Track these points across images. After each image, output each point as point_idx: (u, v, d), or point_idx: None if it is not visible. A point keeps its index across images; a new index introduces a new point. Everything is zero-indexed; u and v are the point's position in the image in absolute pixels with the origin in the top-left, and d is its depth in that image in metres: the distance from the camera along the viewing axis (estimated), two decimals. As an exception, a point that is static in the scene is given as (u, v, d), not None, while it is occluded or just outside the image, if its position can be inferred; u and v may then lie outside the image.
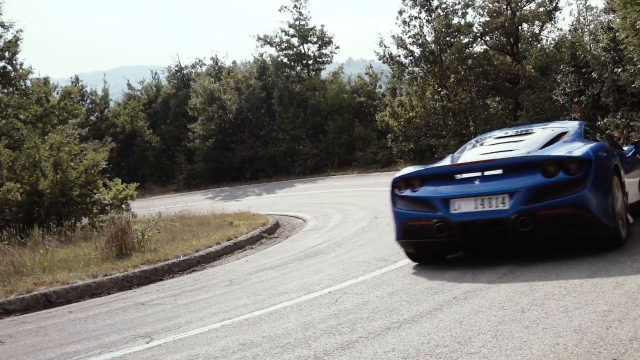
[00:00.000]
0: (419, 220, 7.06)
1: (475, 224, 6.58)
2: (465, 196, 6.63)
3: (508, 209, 6.35)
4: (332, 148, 33.68)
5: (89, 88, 44.96)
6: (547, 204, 6.24)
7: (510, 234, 6.49)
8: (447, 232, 6.74)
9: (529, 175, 6.34)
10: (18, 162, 17.55)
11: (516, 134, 8.03)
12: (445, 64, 27.91)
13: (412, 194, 7.22)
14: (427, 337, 4.86)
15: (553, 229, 6.42)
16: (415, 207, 7.13)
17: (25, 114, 21.98)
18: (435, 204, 6.82)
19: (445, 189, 6.83)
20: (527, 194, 6.29)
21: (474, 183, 6.64)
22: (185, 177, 37.68)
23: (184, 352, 5.40)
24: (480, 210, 6.51)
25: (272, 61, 37.39)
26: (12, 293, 9.01)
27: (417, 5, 29.15)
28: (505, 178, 6.46)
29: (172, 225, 14.29)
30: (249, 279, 8.70)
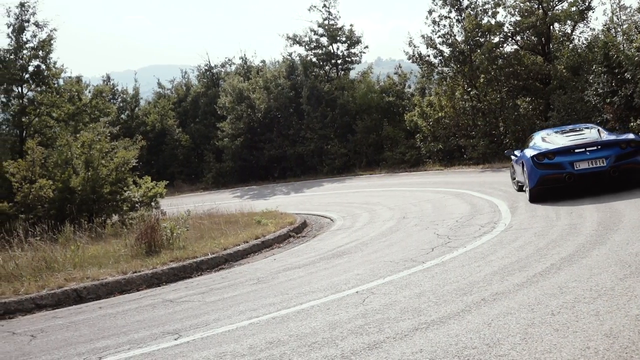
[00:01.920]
0: (553, 175, 12.04)
1: (589, 173, 11.81)
2: (582, 160, 11.83)
3: (605, 166, 11.70)
4: (360, 148, 33.58)
5: (120, 87, 45.48)
6: (624, 162, 11.69)
7: (606, 178, 11.83)
8: (573, 179, 11.86)
9: (613, 149, 11.82)
10: (50, 160, 17.81)
11: (571, 131, 13.58)
12: (475, 63, 27.65)
13: (549, 161, 12.14)
14: (455, 338, 4.83)
15: (628, 174, 11.85)
16: (551, 168, 12.07)
17: (58, 112, 22.28)
18: (565, 165, 11.93)
19: (569, 158, 11.95)
20: (614, 158, 11.68)
21: (586, 154, 11.87)
22: (214, 175, 37.86)
23: (212, 350, 5.43)
24: (591, 166, 11.78)
25: (301, 60, 37.39)
26: (44, 288, 9.15)
27: (447, 4, 28.95)
28: (601, 151, 11.83)
29: (200, 223, 14.38)
30: (277, 278, 8.72)
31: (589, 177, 11.81)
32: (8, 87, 21.93)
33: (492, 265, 7.34)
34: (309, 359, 4.85)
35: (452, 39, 28.74)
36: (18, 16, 22.04)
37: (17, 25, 22.05)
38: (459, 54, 28.38)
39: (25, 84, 22.29)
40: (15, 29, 22.07)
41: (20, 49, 22.01)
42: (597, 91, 22.34)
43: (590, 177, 11.81)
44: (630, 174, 11.83)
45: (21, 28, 22.07)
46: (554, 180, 11.98)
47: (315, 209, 18.48)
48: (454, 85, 29.24)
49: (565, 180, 11.85)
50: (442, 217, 12.66)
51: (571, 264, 6.78)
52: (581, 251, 7.36)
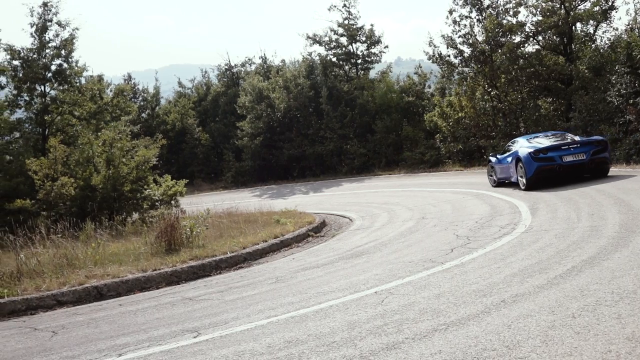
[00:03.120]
0: (547, 166, 15.15)
1: (572, 164, 15.02)
2: (569, 155, 15.02)
3: (585, 159, 14.95)
4: (380, 148, 33.52)
5: (141, 86, 45.81)
6: (597, 156, 15.05)
7: (585, 169, 15.16)
8: (562, 169, 15.06)
9: (589, 147, 15.10)
10: (72, 158, 17.99)
11: (548, 136, 16.92)
12: (495, 64, 27.47)
13: (544, 155, 15.20)
14: (474, 340, 4.81)
15: (600, 166, 15.31)
16: (545, 161, 15.16)
17: (80, 110, 22.49)
18: (556, 158, 15.08)
19: (559, 153, 15.12)
20: (590, 153, 14.94)
21: (570, 150, 15.08)
22: (233, 174, 37.98)
23: (231, 348, 5.45)
24: (574, 160, 14.99)
25: (320, 60, 37.39)
26: (65, 285, 9.25)
27: (468, 4, 28.80)
28: (581, 148, 15.07)
29: (220, 222, 14.45)
30: (295, 277, 8.74)
31: (573, 168, 15.14)
32: (31, 86, 22.17)
33: (512, 267, 7.29)
34: (328, 358, 4.86)
35: (473, 39, 28.58)
36: (41, 16, 22.28)
37: (40, 24, 22.28)
38: (479, 54, 28.21)
39: (48, 83, 22.51)
40: (39, 28, 22.31)
41: (43, 48, 22.24)
42: (620, 92, 22.09)
43: (574, 168, 15.14)
44: (601, 165, 15.41)
45: (44, 27, 22.30)
46: (548, 171, 15.18)
47: (334, 208, 18.48)
48: (474, 86, 29.07)
49: (556, 170, 15.12)
50: (462, 217, 12.60)
51: (592, 267, 6.72)
52: (603, 253, 7.29)
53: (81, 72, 23.26)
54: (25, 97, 22.55)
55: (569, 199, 12.89)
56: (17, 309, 8.50)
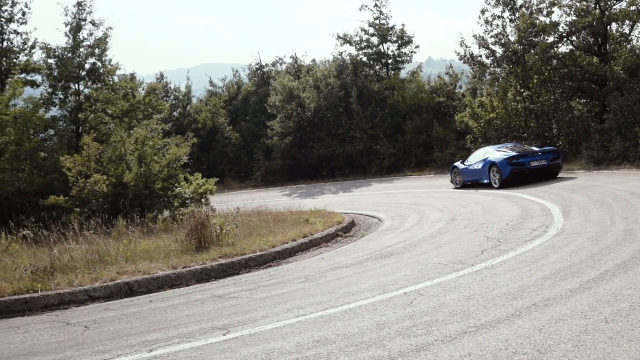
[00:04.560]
0: (519, 169, 18.54)
1: (537, 168, 18.63)
2: (534, 161, 18.72)
3: (546, 164, 18.78)
4: (410, 148, 33.35)
5: (173, 84, 46.19)
6: (554, 162, 18.98)
7: (546, 172, 18.84)
8: (529, 172, 18.50)
9: (548, 154, 19.04)
10: (105, 155, 18.22)
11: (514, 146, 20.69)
12: (528, 64, 27.15)
13: (516, 161, 18.66)
14: (504, 343, 4.77)
15: (555, 169, 19.21)
16: (517, 165, 18.55)
17: (113, 108, 22.74)
18: (525, 163, 18.61)
19: (527, 159, 18.72)
20: (549, 159, 18.86)
21: (535, 157, 18.89)
22: (263, 173, 38.11)
23: (260, 346, 5.48)
24: (538, 164, 18.70)
25: (351, 60, 37.32)
26: (97, 281, 9.38)
27: (501, 4, 28.52)
28: (542, 155, 18.94)
29: (249, 221, 14.52)
30: (324, 277, 8.74)
31: (537, 171, 18.81)
32: (65, 84, 22.48)
33: (543, 270, 7.21)
34: (356, 358, 4.85)
35: (505, 39, 28.29)
36: (75, 15, 22.57)
37: (75, 24, 22.57)
38: (511, 54, 27.92)
39: (82, 81, 22.79)
40: (73, 27, 22.59)
41: (77, 47, 22.52)
42: (656, 93, 21.70)
43: (538, 171, 18.82)
44: (556, 169, 19.37)
45: (78, 27, 22.59)
46: (519, 173, 18.69)
47: (363, 208, 18.45)
48: (506, 86, 28.78)
49: (525, 173, 18.72)
50: (492, 219, 12.50)
51: (626, 271, 6.61)
52: (637, 257, 7.17)
53: (114, 71, 23.51)
54: (59, 95, 22.87)
55: (603, 201, 12.71)
56: (50, 304, 8.65)
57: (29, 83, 23.50)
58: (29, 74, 23.90)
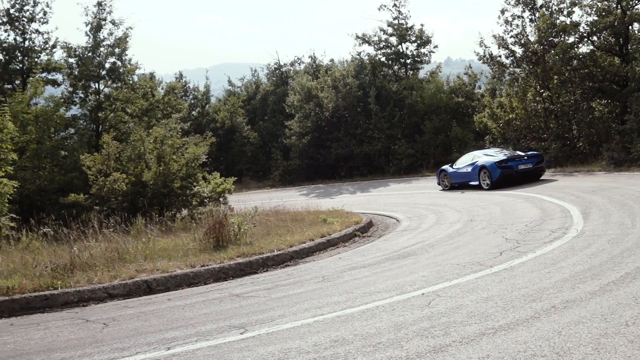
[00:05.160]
0: (508, 172, 19.63)
1: (524, 171, 19.85)
2: (521, 164, 19.86)
3: (531, 167, 20.05)
4: (428, 148, 33.25)
5: (192, 84, 46.43)
6: (538, 165, 20.39)
7: (531, 175, 20.12)
8: (517, 174, 19.68)
9: (533, 159, 20.40)
10: (124, 154, 18.36)
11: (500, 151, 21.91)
12: (548, 64, 26.95)
13: (505, 164, 19.69)
14: (523, 345, 4.74)
15: (539, 172, 20.55)
16: (506, 169, 19.62)
17: (132, 107, 22.91)
18: (513, 167, 19.74)
19: (515, 163, 19.84)
20: (534, 163, 20.21)
21: (521, 161, 20.01)
22: (281, 173, 38.19)
23: (277, 345, 5.49)
24: (525, 168, 19.88)
25: (369, 60, 37.29)
26: (116, 278, 9.45)
27: (521, 4, 28.34)
28: (528, 160, 20.18)
29: (267, 220, 14.55)
30: (342, 277, 8.74)
31: (524, 174, 19.95)
32: (86, 83, 22.68)
33: (562, 272, 7.16)
34: (374, 359, 4.85)
35: (525, 39, 28.10)
36: (96, 15, 22.75)
37: (95, 23, 22.76)
38: (531, 54, 27.73)
39: (102, 80, 22.99)
40: (93, 27, 22.78)
41: (98, 46, 22.72)
42: (678, 94, 21.44)
43: (524, 174, 19.96)
44: (540, 172, 20.62)
45: (99, 26, 22.77)
46: (508, 175, 19.77)
47: (381, 209, 18.42)
48: (525, 87, 28.59)
49: (513, 175, 19.80)
50: (511, 221, 12.42)
51: (647, 274, 6.54)
52: (658, 260, 7.09)
53: (134, 70, 23.67)
54: (80, 94, 23.09)
55: (623, 203, 12.58)
56: (70, 301, 8.72)
57: (50, 82, 23.78)
58: (50, 73, 24.19)
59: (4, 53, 23.61)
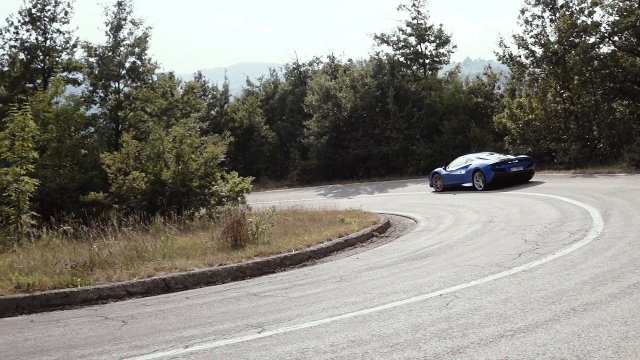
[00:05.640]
0: (501, 175, 20.70)
1: (516, 173, 20.98)
2: (513, 167, 21.02)
3: (522, 170, 21.21)
4: (447, 149, 33.11)
5: (211, 84, 46.68)
6: (529, 168, 21.47)
7: (522, 176, 21.21)
8: (509, 176, 20.76)
9: (524, 162, 21.58)
10: (143, 153, 18.47)
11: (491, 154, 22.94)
12: (568, 65, 26.76)
13: (499, 167, 20.82)
14: (542, 347, 4.70)
15: (529, 174, 21.61)
16: (500, 171, 20.75)
17: (152, 107, 23.04)
18: (506, 169, 20.85)
19: (507, 166, 20.95)
20: (525, 166, 21.36)
21: (513, 164, 21.15)
22: (299, 172, 38.24)
23: (295, 345, 5.49)
24: (516, 170, 21.01)
25: (388, 60, 37.23)
26: (135, 276, 9.51)
27: (541, 3, 28.15)
28: (519, 163, 21.37)
29: (285, 220, 14.56)
30: (359, 277, 8.73)
31: (516, 176, 20.98)
32: (106, 83, 22.85)
33: (582, 274, 7.10)
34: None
35: (545, 39, 27.92)
36: (116, 15, 22.90)
37: (115, 23, 22.91)
38: (551, 54, 27.54)
39: (122, 80, 23.14)
40: (113, 27, 22.93)
41: (118, 46, 22.87)
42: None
43: (516, 176, 20.99)
44: (530, 174, 21.64)
45: (119, 26, 22.92)
46: (501, 177, 20.78)
47: (399, 209, 18.38)
48: (545, 87, 28.40)
49: (506, 177, 20.81)
50: (530, 222, 12.34)
51: (669, 277, 6.47)
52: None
53: (153, 70, 23.80)
54: (100, 93, 23.26)
55: (644, 205, 12.45)
56: (89, 298, 8.79)
57: (70, 81, 23.99)
58: (71, 73, 24.40)
59: (25, 52, 23.88)
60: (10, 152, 14.70)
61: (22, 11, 23.90)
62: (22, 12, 23.92)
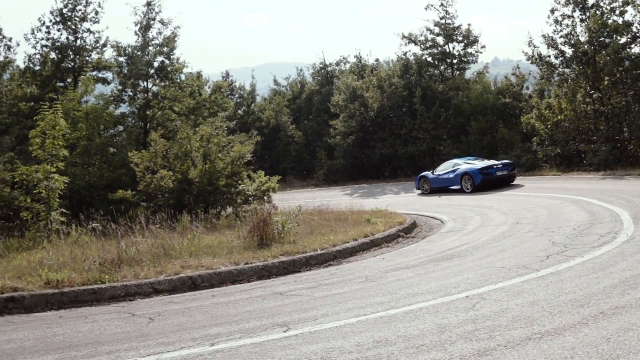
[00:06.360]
0: (488, 178, 22.26)
1: (501, 177, 22.53)
2: (499, 171, 22.57)
3: (506, 174, 22.78)
4: (474, 149, 32.83)
5: (238, 83, 46.90)
6: (512, 172, 23.16)
7: (506, 180, 22.74)
8: (495, 179, 22.32)
9: (508, 166, 23.15)
10: (171, 152, 18.62)
11: (477, 159, 24.71)
12: (599, 65, 26.39)
13: (486, 171, 22.40)
14: (570, 351, 4.65)
15: (512, 178, 23.18)
16: (487, 175, 22.31)
17: (179, 106, 23.20)
18: (493, 173, 22.45)
19: (493, 170, 22.53)
20: (509, 170, 23.00)
21: (499, 168, 22.65)
22: (325, 172, 38.23)
23: (320, 344, 5.50)
24: (501, 174, 22.56)
25: (415, 60, 37.05)
26: (162, 274, 9.59)
27: (571, 3, 27.79)
28: (503, 167, 22.84)
29: (310, 219, 14.57)
30: (385, 277, 8.71)
31: (501, 179, 22.46)
32: (135, 82, 23.05)
33: (611, 278, 7.00)
34: (417, 361, 4.82)
35: (575, 39, 27.56)
36: (145, 14, 23.10)
37: (144, 23, 23.11)
38: (581, 54, 27.17)
39: (150, 79, 23.33)
40: (142, 26, 23.14)
41: (147, 45, 23.06)
42: None
43: (501, 179, 22.48)
44: (513, 178, 23.10)
45: (147, 26, 23.12)
46: (488, 180, 22.23)
47: (425, 209, 18.30)
48: (575, 88, 28.03)
49: (493, 180, 22.25)
50: (558, 224, 12.20)
51: (701, 281, 6.35)
52: None
53: (181, 69, 23.96)
54: (129, 92, 23.48)
55: (676, 208, 12.24)
56: (116, 295, 8.89)
57: (100, 80, 24.27)
58: (101, 72, 24.70)
59: (56, 52, 24.23)
60: (41, 149, 14.90)
61: (54, 11, 24.27)
62: (53, 12, 24.29)
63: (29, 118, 20.37)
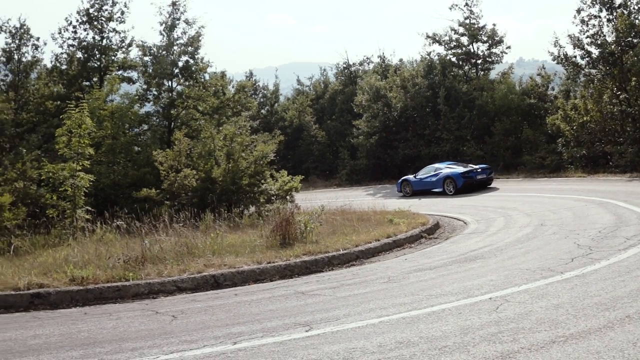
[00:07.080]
0: (470, 181, 23.99)
1: (480, 180, 24.29)
2: (479, 175, 24.33)
3: (485, 177, 24.57)
4: (498, 150, 32.61)
5: (262, 83, 46.99)
6: (489, 176, 24.88)
7: (485, 183, 24.58)
8: (475, 182, 24.07)
9: (486, 170, 24.94)
10: (195, 151, 18.73)
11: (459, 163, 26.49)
12: (626, 66, 26.05)
13: (467, 175, 24.09)
14: (595, 355, 4.60)
15: (490, 181, 24.97)
16: (467, 178, 24.02)
17: (203, 105, 23.32)
18: (473, 176, 24.19)
19: (474, 174, 24.27)
20: (487, 174, 24.78)
21: (479, 172, 24.46)
22: (348, 172, 38.16)
23: (342, 344, 5.50)
24: (481, 177, 24.34)
25: (439, 60, 36.85)
26: (185, 272, 9.66)
27: (598, 3, 27.47)
28: (482, 171, 24.63)
29: (333, 219, 14.57)
30: (407, 278, 8.68)
31: (480, 182, 23.97)
32: (159, 81, 23.21)
33: (638, 281, 6.92)
34: (439, 362, 4.80)
35: (602, 40, 27.22)
36: (170, 14, 23.24)
37: (169, 23, 23.26)
38: (608, 55, 26.83)
39: (175, 79, 23.48)
40: (167, 26, 23.27)
41: (171, 45, 23.20)
42: None
43: (481, 182, 24.02)
44: (490, 181, 24.62)
45: (172, 26, 23.25)
46: (469, 184, 23.68)
47: (449, 210, 18.21)
48: (601, 88, 27.67)
49: (473, 184, 23.73)
50: (583, 226, 12.07)
51: None
52: None
53: (205, 69, 24.07)
54: (153, 91, 23.66)
55: None
56: (140, 292, 8.97)
57: (125, 80, 24.51)
58: (126, 71, 24.95)
59: (83, 51, 24.52)
60: (67, 148, 15.09)
61: (80, 11, 24.56)
62: (80, 12, 24.58)
63: (55, 117, 20.66)
